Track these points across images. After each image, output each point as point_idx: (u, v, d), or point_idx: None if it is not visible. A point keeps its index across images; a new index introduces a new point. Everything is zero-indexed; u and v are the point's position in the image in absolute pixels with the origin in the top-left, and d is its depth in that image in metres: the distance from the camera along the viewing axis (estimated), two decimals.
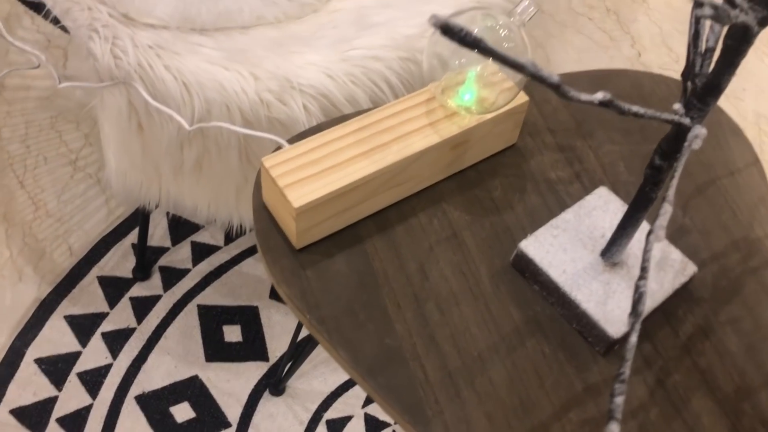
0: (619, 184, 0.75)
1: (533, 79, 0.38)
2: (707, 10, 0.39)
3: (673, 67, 1.76)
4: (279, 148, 0.69)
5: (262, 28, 0.97)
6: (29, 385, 1.17)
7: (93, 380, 1.18)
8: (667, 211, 0.42)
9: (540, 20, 1.84)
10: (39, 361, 1.19)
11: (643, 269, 0.38)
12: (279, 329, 1.26)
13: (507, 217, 0.71)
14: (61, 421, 1.14)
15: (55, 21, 0.90)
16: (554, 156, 0.76)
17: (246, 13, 0.95)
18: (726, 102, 1.72)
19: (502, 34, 0.65)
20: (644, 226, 0.68)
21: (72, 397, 1.17)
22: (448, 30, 0.34)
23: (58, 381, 1.18)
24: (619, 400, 0.31)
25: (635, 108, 0.46)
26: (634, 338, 0.34)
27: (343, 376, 1.22)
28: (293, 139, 0.71)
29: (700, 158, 0.79)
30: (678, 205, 0.75)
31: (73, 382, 1.18)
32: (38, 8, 0.90)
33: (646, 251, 0.39)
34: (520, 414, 0.60)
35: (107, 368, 1.20)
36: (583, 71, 0.85)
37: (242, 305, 1.27)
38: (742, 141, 0.81)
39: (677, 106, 0.49)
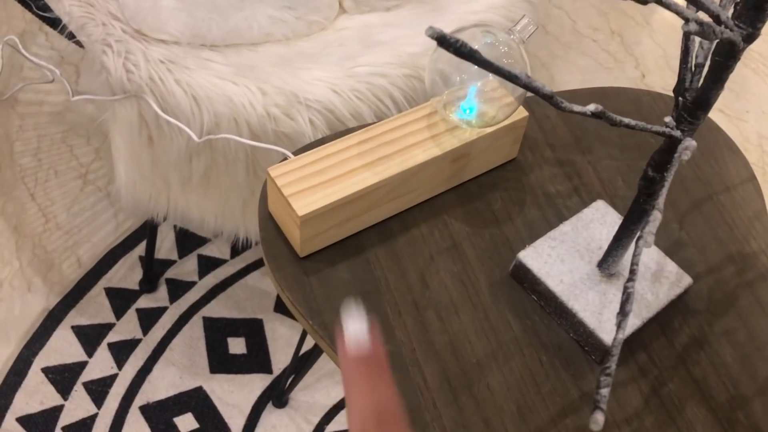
0: (617, 198, 0.77)
1: (526, 89, 0.40)
2: (693, 26, 0.41)
3: None
4: (285, 159, 0.71)
5: (271, 45, 1.00)
6: (36, 393, 1.19)
7: (99, 390, 1.20)
8: (656, 218, 0.44)
9: (545, 41, 1.86)
10: (46, 370, 1.21)
11: (632, 272, 0.40)
12: (283, 342, 1.27)
13: (506, 229, 0.73)
14: (66, 429, 1.16)
15: (70, 36, 0.93)
16: (553, 170, 0.78)
17: (255, 30, 0.98)
18: (729, 123, 1.74)
19: (502, 51, 0.67)
20: None
21: (78, 406, 1.18)
22: (444, 41, 0.36)
23: (65, 390, 1.19)
24: (605, 391, 0.32)
25: (627, 120, 0.48)
26: (620, 335, 0.36)
27: None
28: (298, 152, 0.73)
29: (696, 174, 0.81)
30: (675, 219, 0.76)
31: (79, 391, 1.20)
32: (54, 24, 0.92)
33: (635, 255, 0.41)
34: (516, 420, 0.61)
35: (113, 378, 1.21)
36: (584, 88, 0.87)
37: (247, 318, 1.29)
38: (739, 158, 0.83)
39: (668, 119, 0.51)
